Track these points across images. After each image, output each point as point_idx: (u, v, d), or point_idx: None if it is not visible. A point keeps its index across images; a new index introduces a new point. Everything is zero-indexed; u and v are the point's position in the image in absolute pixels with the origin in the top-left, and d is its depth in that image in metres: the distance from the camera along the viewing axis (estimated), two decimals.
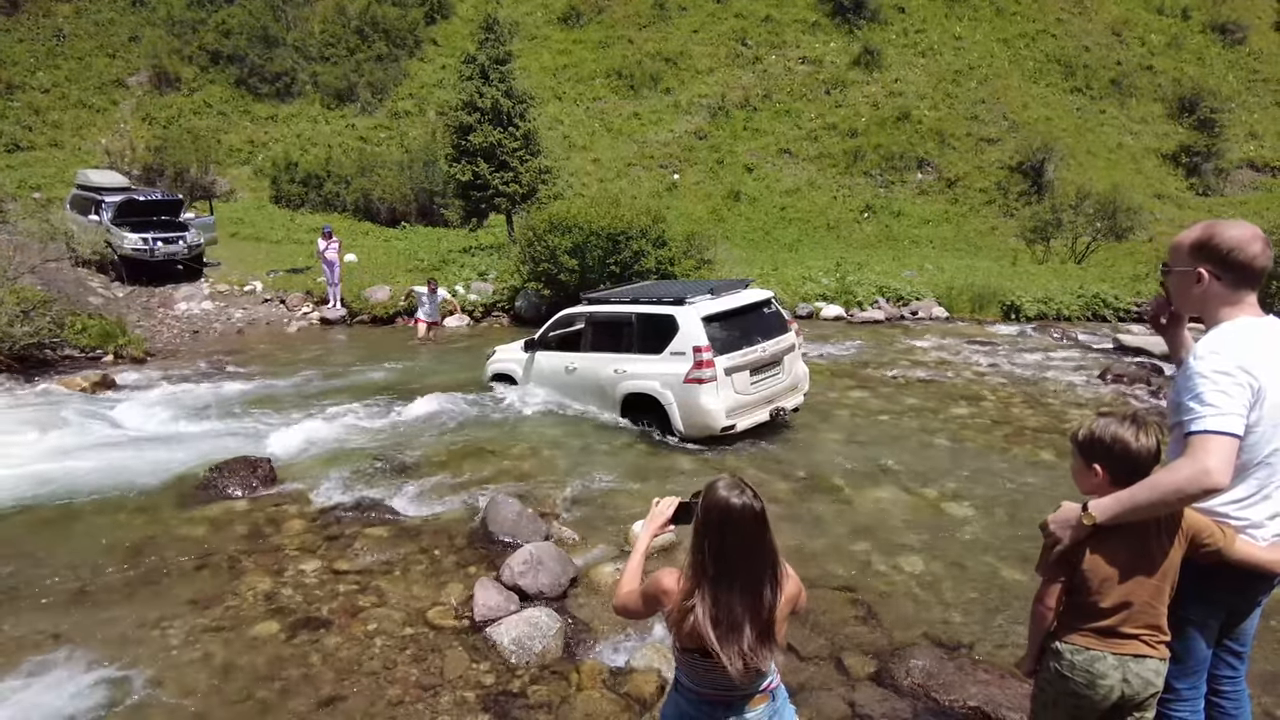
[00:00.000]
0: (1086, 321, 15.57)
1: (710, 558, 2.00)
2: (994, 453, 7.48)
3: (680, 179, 29.96)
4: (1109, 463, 2.29)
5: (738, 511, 1.99)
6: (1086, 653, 2.30)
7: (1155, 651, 2.29)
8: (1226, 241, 2.29)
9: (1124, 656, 2.27)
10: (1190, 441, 2.15)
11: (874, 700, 3.72)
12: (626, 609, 2.30)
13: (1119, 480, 2.27)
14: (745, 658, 1.99)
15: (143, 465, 7.38)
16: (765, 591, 2.03)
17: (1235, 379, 2.18)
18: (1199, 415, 2.15)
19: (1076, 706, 2.35)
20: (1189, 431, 2.16)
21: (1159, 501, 2.17)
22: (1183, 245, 2.39)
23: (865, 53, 32.95)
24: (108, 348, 12.80)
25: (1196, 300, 2.39)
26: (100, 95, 31.97)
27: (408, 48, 34.89)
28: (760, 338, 7.74)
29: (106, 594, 4.98)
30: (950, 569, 5.06)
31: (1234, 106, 32.92)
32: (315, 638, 4.37)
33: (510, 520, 5.52)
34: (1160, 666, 2.30)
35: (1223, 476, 2.10)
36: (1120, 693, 2.28)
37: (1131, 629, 2.27)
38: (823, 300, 16.21)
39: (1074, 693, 2.33)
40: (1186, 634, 2.40)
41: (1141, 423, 2.27)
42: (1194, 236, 2.37)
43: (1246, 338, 2.27)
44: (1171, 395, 2.38)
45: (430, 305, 14.20)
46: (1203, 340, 2.29)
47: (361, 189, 28.11)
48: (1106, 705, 2.31)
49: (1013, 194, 28.36)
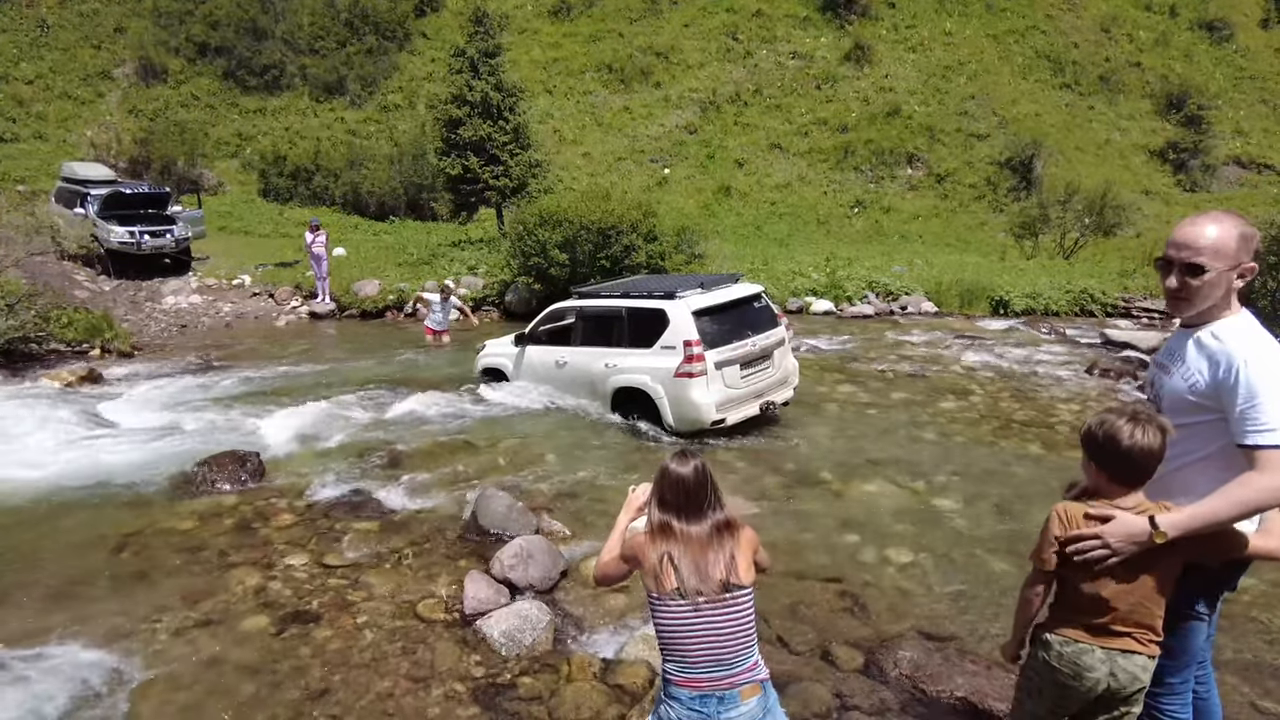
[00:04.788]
0: (1074, 316, 15.65)
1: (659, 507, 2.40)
2: (982, 446, 7.53)
3: (671, 173, 29.94)
4: (1101, 459, 2.27)
5: (678, 472, 2.37)
6: (1075, 645, 2.31)
7: (1145, 649, 2.29)
8: (1253, 234, 2.26)
9: (1113, 651, 2.28)
10: (1260, 456, 2.09)
11: (862, 691, 3.75)
12: (607, 574, 2.54)
13: (1115, 477, 2.26)
14: (704, 574, 2.28)
15: (130, 460, 7.35)
16: (713, 528, 2.35)
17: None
18: (1269, 428, 2.09)
19: (1061, 696, 2.37)
20: (1258, 445, 2.10)
21: (1234, 516, 2.14)
22: (1227, 241, 2.24)
23: (856, 48, 32.96)
24: (94, 342, 12.72)
25: (1225, 295, 2.28)
26: (85, 87, 31.67)
27: (397, 40, 34.70)
28: (750, 332, 7.76)
29: (95, 588, 4.96)
30: (938, 561, 5.09)
31: (1221, 103, 33.15)
32: (305, 631, 4.37)
33: (500, 514, 5.52)
34: (1148, 663, 2.31)
35: None
36: (1106, 686, 2.29)
37: (1123, 627, 2.28)
38: (812, 295, 16.24)
39: (1060, 683, 2.36)
40: (1189, 630, 2.41)
41: (1140, 420, 2.20)
42: (1240, 230, 2.25)
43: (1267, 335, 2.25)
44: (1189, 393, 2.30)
45: (441, 314, 13.00)
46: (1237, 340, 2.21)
47: (350, 182, 27.99)
48: (1091, 697, 2.33)
49: (1002, 190, 28.47)
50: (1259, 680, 3.76)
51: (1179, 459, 2.29)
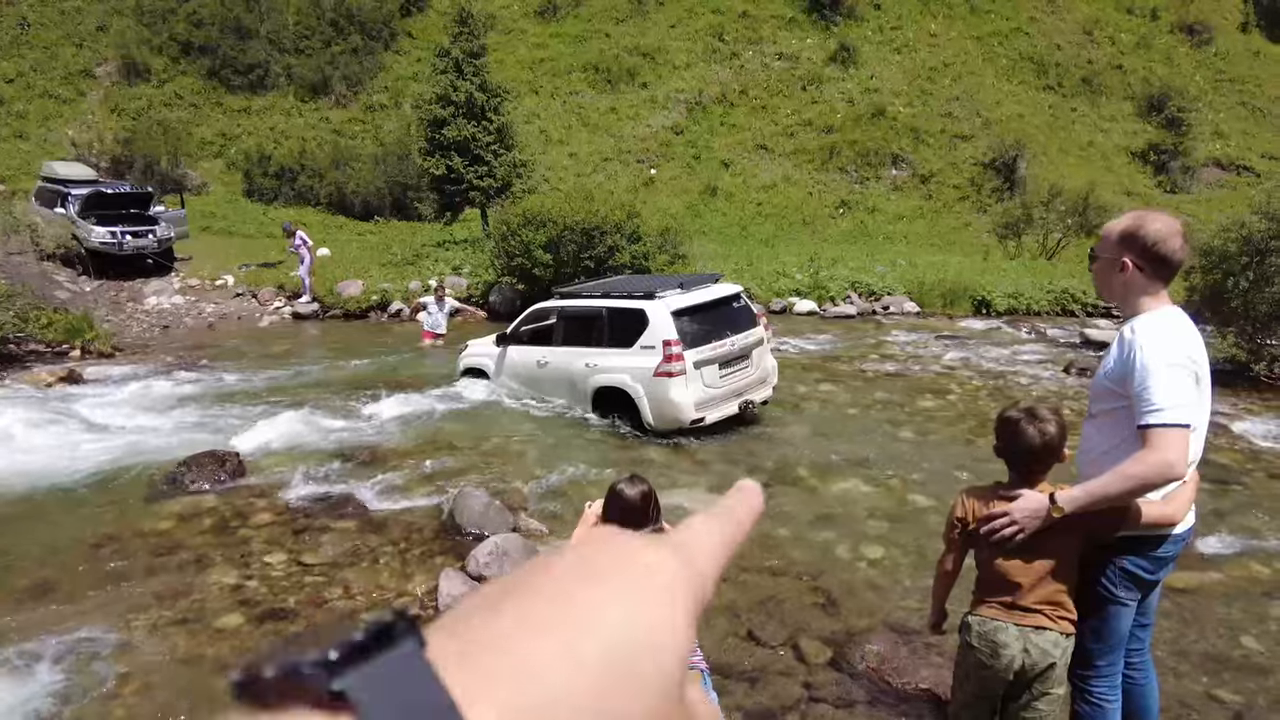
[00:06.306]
0: (1056, 316, 15.83)
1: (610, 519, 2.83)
2: (959, 444, 7.62)
3: (657, 174, 30.00)
4: (1004, 447, 2.50)
5: (626, 493, 2.84)
6: (991, 623, 2.48)
7: (1056, 625, 2.44)
8: (1151, 234, 2.38)
9: (1025, 628, 2.43)
10: (1150, 435, 2.24)
11: (829, 684, 3.81)
12: None
13: (1015, 465, 2.48)
14: None
15: (109, 460, 7.33)
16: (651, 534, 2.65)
17: (1185, 369, 2.28)
18: (1157, 408, 2.23)
19: (983, 679, 2.53)
20: (1148, 424, 2.24)
21: (1126, 492, 2.28)
22: (1111, 234, 2.47)
23: (841, 49, 33.14)
24: (74, 342, 12.63)
25: (1119, 288, 2.48)
26: (67, 85, 31.40)
27: (383, 40, 34.59)
28: (729, 332, 7.82)
29: (71, 588, 4.96)
30: (911, 556, 5.16)
31: (1200, 106, 33.54)
32: (281, 629, 4.39)
33: (478, 512, 5.55)
34: (1060, 639, 2.44)
35: (1183, 467, 2.22)
36: (1021, 663, 2.44)
37: (1032, 604, 2.43)
38: (796, 295, 16.33)
39: (980, 664, 2.51)
40: (1111, 613, 2.51)
41: (1036, 416, 2.43)
42: (1122, 226, 2.45)
43: (1180, 327, 2.37)
44: (1103, 380, 2.46)
45: (437, 316, 13.02)
46: (1141, 331, 2.36)
47: (335, 182, 27.89)
48: (1010, 674, 2.46)
49: (985, 190, 28.70)
50: (1216, 671, 3.85)
51: (1104, 445, 2.43)
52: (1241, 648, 4.06)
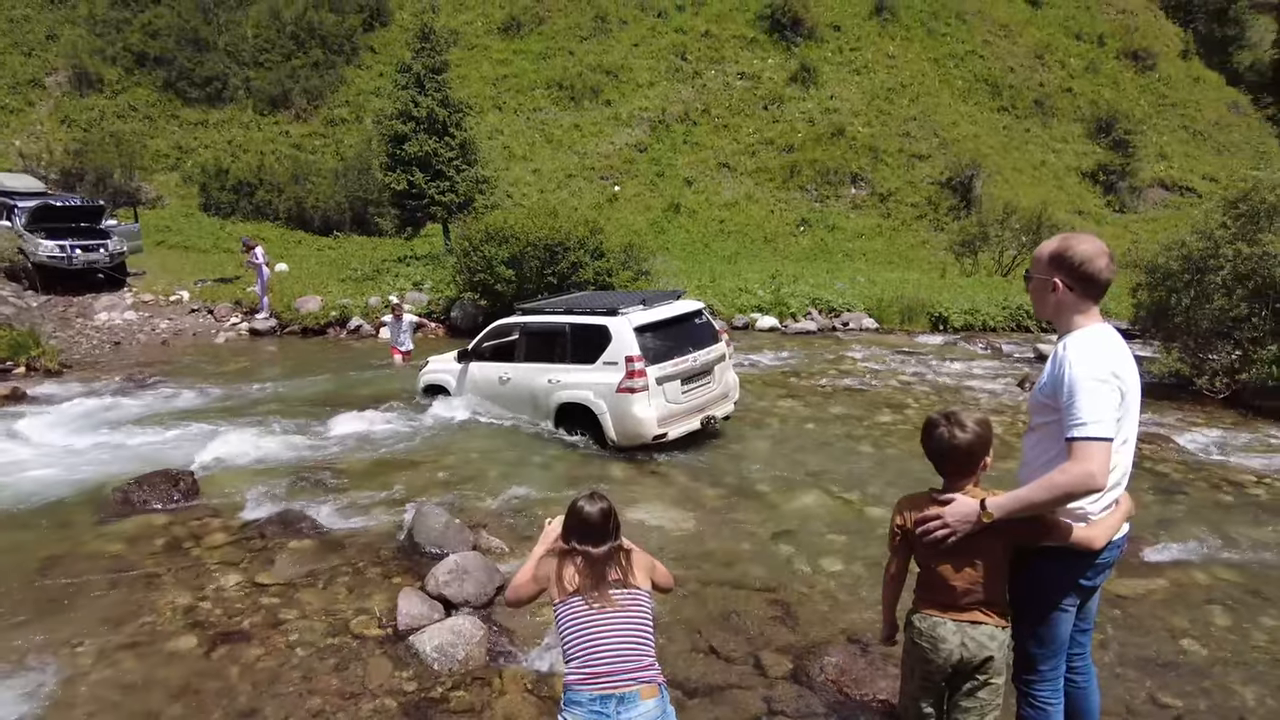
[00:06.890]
0: (1010, 332, 16.21)
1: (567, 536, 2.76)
2: (915, 459, 7.70)
3: (621, 191, 30.16)
4: (930, 456, 2.68)
5: (587, 510, 2.73)
6: (931, 619, 2.65)
7: (991, 620, 2.60)
8: (1078, 255, 2.50)
9: (963, 623, 2.60)
10: (1074, 447, 2.35)
11: (789, 697, 3.84)
12: (519, 594, 2.81)
13: (937, 467, 2.68)
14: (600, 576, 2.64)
15: (56, 480, 7.12)
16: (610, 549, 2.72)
17: (1110, 385, 2.39)
18: (1082, 422, 2.34)
19: (926, 673, 2.69)
20: (1073, 437, 2.35)
21: (1050, 500, 2.40)
22: (1042, 256, 2.60)
23: (802, 70, 33.73)
24: (19, 359, 12.29)
25: (1052, 307, 2.61)
26: (14, 95, 30.64)
27: (344, 54, 34.34)
28: (692, 348, 7.87)
29: (12, 613, 4.80)
30: (869, 569, 5.23)
31: (1145, 128, 34.77)
32: (234, 651, 4.30)
33: (437, 531, 5.50)
34: (995, 632, 2.60)
35: (1104, 479, 2.34)
36: (959, 655, 2.59)
37: (967, 603, 2.60)
38: (758, 312, 16.52)
39: (923, 658, 2.67)
40: (1052, 619, 2.62)
41: (953, 420, 2.61)
42: (1052, 248, 2.58)
43: (1108, 344, 2.48)
44: (1039, 394, 2.59)
45: (397, 332, 12.72)
46: (1071, 347, 2.48)
47: (294, 197, 27.56)
48: (949, 667, 2.63)
49: (942, 209, 29.35)
50: (1159, 675, 3.97)
51: (1044, 457, 2.54)
52: (1184, 652, 4.19)
